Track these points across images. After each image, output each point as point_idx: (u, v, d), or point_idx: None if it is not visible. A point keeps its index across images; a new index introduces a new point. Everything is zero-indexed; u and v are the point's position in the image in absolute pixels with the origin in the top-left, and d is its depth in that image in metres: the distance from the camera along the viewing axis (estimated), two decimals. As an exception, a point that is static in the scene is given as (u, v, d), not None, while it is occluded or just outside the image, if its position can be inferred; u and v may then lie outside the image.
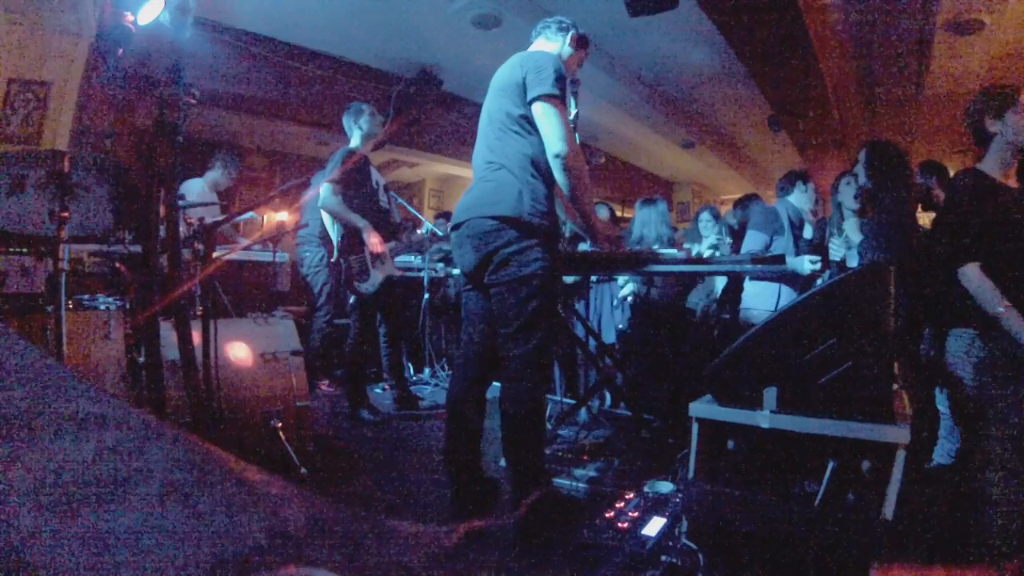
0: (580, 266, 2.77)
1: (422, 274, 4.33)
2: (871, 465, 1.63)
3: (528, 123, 1.89)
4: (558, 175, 1.87)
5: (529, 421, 1.86)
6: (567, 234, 3.34)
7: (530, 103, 1.85)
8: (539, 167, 1.89)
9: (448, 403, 2.05)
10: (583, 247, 3.61)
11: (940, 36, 4.53)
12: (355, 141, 3.30)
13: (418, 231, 3.99)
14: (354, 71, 5.20)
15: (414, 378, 4.51)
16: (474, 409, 2.01)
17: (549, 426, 2.96)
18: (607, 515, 1.80)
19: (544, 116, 1.83)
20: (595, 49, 4.74)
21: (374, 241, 3.10)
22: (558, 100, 1.84)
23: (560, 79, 1.85)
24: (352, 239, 3.13)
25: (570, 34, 2.08)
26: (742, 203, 4.39)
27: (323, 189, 3.10)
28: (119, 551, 0.23)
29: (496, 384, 2.08)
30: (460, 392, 2.02)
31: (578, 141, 2.03)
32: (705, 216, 4.22)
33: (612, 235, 2.37)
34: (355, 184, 3.17)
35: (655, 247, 3.52)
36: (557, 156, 1.83)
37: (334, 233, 3.28)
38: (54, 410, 0.36)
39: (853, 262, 2.67)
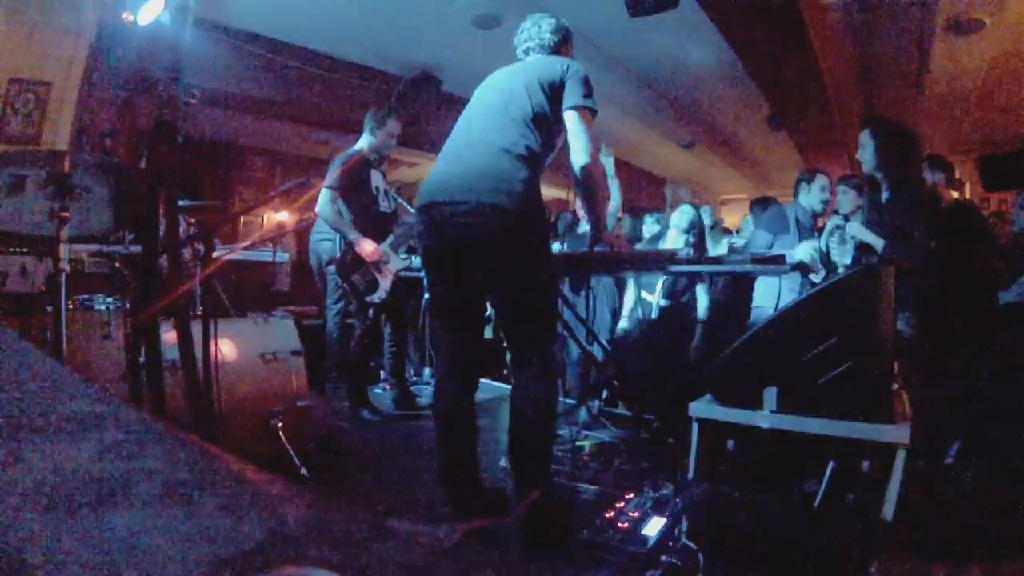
0: (583, 266, 2.76)
1: (422, 274, 4.31)
2: (871, 465, 1.63)
3: (543, 122, 1.87)
4: (585, 181, 1.89)
5: (545, 424, 1.85)
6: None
7: (568, 108, 1.86)
8: (542, 169, 1.91)
9: (438, 415, 1.96)
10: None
11: (940, 36, 4.53)
12: (360, 143, 3.27)
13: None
14: (354, 71, 5.20)
15: (414, 378, 4.51)
16: (467, 417, 1.93)
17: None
18: (607, 515, 1.80)
19: (580, 124, 1.86)
20: (594, 49, 4.75)
21: (368, 251, 3.06)
22: (592, 115, 1.89)
23: (593, 98, 1.91)
24: (353, 256, 3.10)
25: (571, 47, 2.11)
26: (760, 204, 4.40)
27: (321, 195, 3.07)
28: (119, 551, 0.23)
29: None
30: (451, 401, 1.92)
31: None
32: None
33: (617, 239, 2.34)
34: (353, 186, 3.15)
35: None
36: (586, 165, 1.86)
37: (338, 238, 3.25)
38: (54, 410, 0.36)
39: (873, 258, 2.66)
